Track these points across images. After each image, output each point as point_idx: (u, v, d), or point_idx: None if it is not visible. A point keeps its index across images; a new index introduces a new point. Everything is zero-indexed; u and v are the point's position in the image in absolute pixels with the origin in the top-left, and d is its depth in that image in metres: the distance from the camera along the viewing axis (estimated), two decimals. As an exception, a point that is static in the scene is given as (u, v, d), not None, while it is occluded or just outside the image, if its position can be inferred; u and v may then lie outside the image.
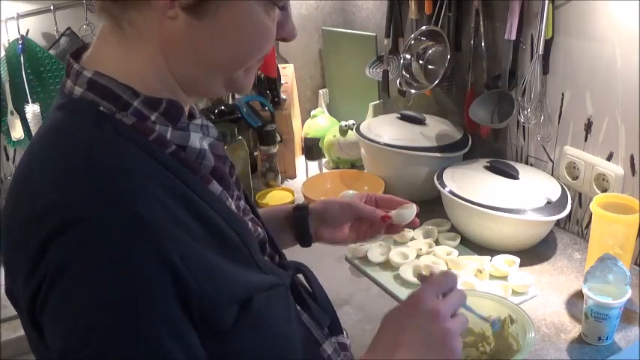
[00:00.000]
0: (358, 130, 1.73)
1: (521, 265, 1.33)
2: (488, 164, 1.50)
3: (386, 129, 1.69)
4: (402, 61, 1.72)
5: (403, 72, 1.72)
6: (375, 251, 1.42)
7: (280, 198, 1.75)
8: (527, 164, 1.57)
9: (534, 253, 1.41)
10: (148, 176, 0.64)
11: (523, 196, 1.37)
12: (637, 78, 1.25)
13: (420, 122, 1.70)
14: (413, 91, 1.71)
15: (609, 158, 1.36)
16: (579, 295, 1.21)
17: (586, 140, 1.41)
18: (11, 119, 1.71)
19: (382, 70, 1.83)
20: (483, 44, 1.54)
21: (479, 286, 1.25)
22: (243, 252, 0.72)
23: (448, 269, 1.33)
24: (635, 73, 1.25)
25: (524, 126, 1.55)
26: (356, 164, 1.91)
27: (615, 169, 1.34)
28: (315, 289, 0.91)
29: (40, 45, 1.72)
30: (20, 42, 1.67)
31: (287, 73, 1.94)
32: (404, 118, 1.73)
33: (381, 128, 1.70)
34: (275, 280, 0.76)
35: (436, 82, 1.62)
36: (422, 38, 1.69)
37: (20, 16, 1.67)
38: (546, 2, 1.33)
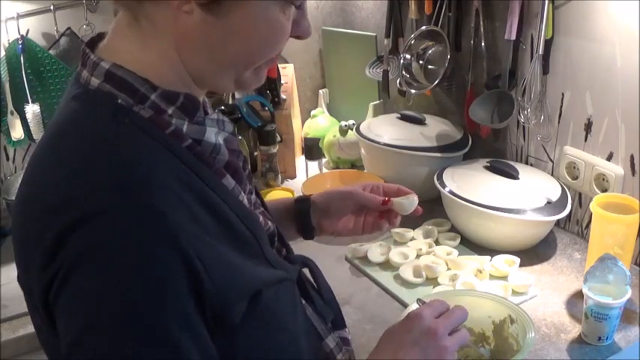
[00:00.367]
0: (358, 130, 1.73)
1: (521, 265, 1.33)
2: (488, 164, 1.50)
3: (386, 129, 1.69)
4: (402, 61, 1.72)
5: (403, 72, 1.72)
6: (375, 251, 1.42)
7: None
8: (527, 164, 1.57)
9: (534, 253, 1.41)
10: (165, 170, 0.64)
11: (523, 196, 1.37)
12: (637, 78, 1.25)
13: (420, 122, 1.70)
14: (413, 91, 1.71)
15: (609, 158, 1.36)
16: (579, 295, 1.21)
17: (586, 140, 1.41)
18: (11, 119, 1.71)
19: (382, 70, 1.83)
20: (483, 44, 1.54)
21: (479, 286, 1.25)
22: (253, 246, 0.72)
23: (448, 268, 1.34)
24: (635, 73, 1.25)
25: (524, 126, 1.55)
26: (356, 164, 1.91)
27: (615, 169, 1.34)
28: (320, 284, 0.92)
29: (40, 45, 1.72)
30: (20, 42, 1.67)
31: (287, 73, 1.94)
32: (404, 118, 1.73)
33: (381, 128, 1.70)
34: (283, 275, 0.77)
35: (436, 82, 1.62)
36: (422, 38, 1.69)
37: (20, 16, 1.67)
38: (546, 2, 1.33)
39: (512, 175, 1.43)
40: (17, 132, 1.72)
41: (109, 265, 0.58)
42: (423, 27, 1.67)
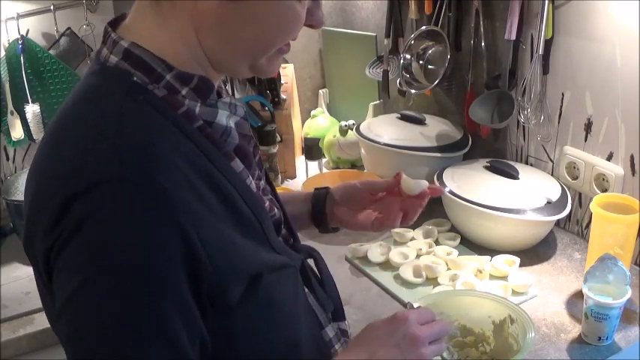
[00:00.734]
0: (358, 130, 1.73)
1: (521, 265, 1.33)
2: (488, 164, 1.50)
3: (386, 129, 1.69)
4: (402, 61, 1.72)
5: (403, 72, 1.72)
6: (375, 251, 1.42)
7: (280, 198, 1.75)
8: (527, 164, 1.57)
9: (534, 253, 1.41)
10: (173, 148, 0.66)
11: (523, 196, 1.37)
12: (637, 78, 1.25)
13: (420, 122, 1.70)
14: (413, 91, 1.71)
15: (609, 158, 1.36)
16: (579, 295, 1.21)
17: (586, 140, 1.41)
18: (11, 119, 1.71)
19: (382, 70, 1.83)
20: (483, 44, 1.54)
21: (479, 286, 1.25)
22: (257, 230, 0.74)
23: (448, 268, 1.34)
24: (635, 73, 1.25)
25: (524, 126, 1.55)
26: (356, 164, 1.91)
27: (615, 169, 1.34)
28: (323, 275, 0.93)
29: (40, 45, 1.72)
30: (20, 42, 1.67)
31: (287, 73, 1.94)
32: (404, 118, 1.73)
33: (381, 128, 1.70)
34: (286, 261, 0.78)
35: (436, 82, 1.62)
36: (422, 38, 1.69)
37: (20, 16, 1.67)
38: (546, 2, 1.33)
39: (512, 175, 1.43)
40: (17, 132, 1.72)
41: (108, 230, 0.60)
42: (423, 27, 1.67)
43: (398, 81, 1.77)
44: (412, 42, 1.69)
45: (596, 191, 1.38)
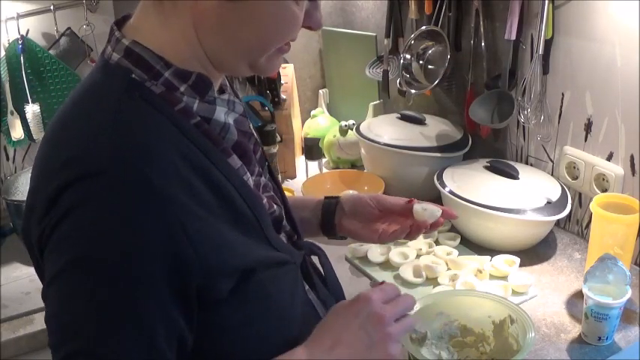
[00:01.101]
0: (358, 130, 1.73)
1: (521, 265, 1.33)
2: (488, 164, 1.50)
3: (386, 129, 1.69)
4: (402, 61, 1.72)
5: (403, 72, 1.72)
6: (375, 251, 1.42)
7: (280, 198, 1.75)
8: (527, 164, 1.57)
9: (534, 253, 1.41)
10: (168, 143, 0.67)
11: (523, 196, 1.37)
12: (637, 78, 1.25)
13: (420, 122, 1.70)
14: (413, 91, 1.71)
15: (609, 158, 1.36)
16: (579, 295, 1.21)
17: (586, 140, 1.41)
18: (11, 119, 1.71)
19: (382, 70, 1.83)
20: (483, 44, 1.54)
21: (479, 286, 1.25)
22: (254, 225, 0.74)
23: (448, 268, 1.34)
24: (635, 73, 1.25)
25: (524, 126, 1.55)
26: (356, 164, 1.91)
27: (615, 169, 1.34)
28: (327, 272, 0.93)
29: (40, 45, 1.72)
30: (20, 42, 1.67)
31: (287, 73, 1.94)
32: (404, 118, 1.73)
33: (381, 128, 1.70)
34: (284, 258, 0.79)
35: (436, 82, 1.62)
36: (422, 38, 1.69)
37: (20, 16, 1.67)
38: (546, 2, 1.33)
39: (512, 175, 1.43)
40: (17, 132, 1.72)
41: (92, 220, 0.63)
42: (423, 27, 1.67)
43: (398, 81, 1.77)
44: (412, 42, 1.69)
45: (596, 191, 1.38)
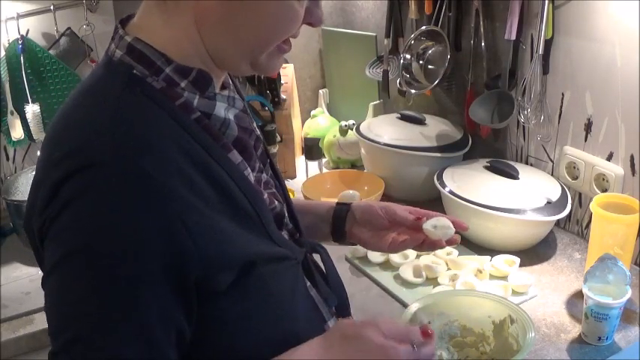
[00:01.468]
0: (358, 130, 1.73)
1: (521, 265, 1.33)
2: (488, 164, 1.50)
3: (386, 129, 1.69)
4: (402, 61, 1.72)
5: (403, 72, 1.72)
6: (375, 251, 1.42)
7: (280, 198, 1.75)
8: (527, 164, 1.57)
9: (534, 253, 1.41)
10: (167, 138, 0.68)
11: (523, 196, 1.37)
12: (637, 78, 1.25)
13: (420, 122, 1.70)
14: (413, 91, 1.71)
15: (609, 158, 1.36)
16: (579, 295, 1.21)
17: (586, 140, 1.41)
18: (11, 119, 1.71)
19: (382, 70, 1.83)
20: (483, 44, 1.54)
21: (479, 286, 1.25)
22: (254, 220, 0.75)
23: (448, 268, 1.34)
24: (635, 73, 1.25)
25: (524, 126, 1.55)
26: (356, 164, 1.91)
27: (615, 169, 1.34)
28: (328, 270, 0.93)
29: (40, 45, 1.72)
30: (20, 42, 1.67)
31: (287, 73, 1.94)
32: (404, 118, 1.73)
33: (381, 128, 1.70)
34: (285, 253, 0.79)
35: (436, 82, 1.62)
36: (422, 38, 1.69)
37: (20, 16, 1.67)
38: (546, 2, 1.33)
39: (512, 175, 1.43)
40: (17, 132, 1.72)
41: (90, 212, 0.64)
42: (423, 27, 1.67)
43: (398, 81, 1.77)
44: (412, 42, 1.69)
45: (596, 191, 1.38)
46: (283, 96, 1.87)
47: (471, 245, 1.44)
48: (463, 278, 1.27)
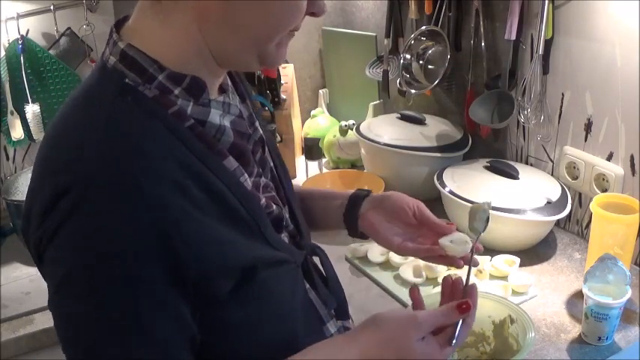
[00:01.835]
0: (358, 130, 1.73)
1: (521, 265, 1.33)
2: (488, 164, 1.50)
3: (386, 129, 1.69)
4: (402, 61, 1.72)
5: (403, 72, 1.72)
6: (375, 251, 1.42)
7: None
8: (527, 164, 1.57)
9: (534, 253, 1.41)
10: (160, 147, 0.67)
11: (523, 196, 1.37)
12: (637, 78, 1.25)
13: (420, 122, 1.70)
14: (413, 91, 1.71)
15: (609, 158, 1.36)
16: (579, 295, 1.21)
17: (586, 140, 1.41)
18: (11, 119, 1.71)
19: (382, 70, 1.83)
20: (483, 44, 1.54)
21: (479, 286, 1.24)
22: (251, 226, 0.74)
23: (448, 268, 1.34)
24: (635, 73, 1.25)
25: (524, 126, 1.55)
26: (356, 164, 1.91)
27: (615, 169, 1.34)
28: (328, 273, 0.93)
29: (40, 45, 1.72)
30: (20, 42, 1.67)
31: (287, 73, 1.94)
32: (404, 118, 1.73)
33: (381, 128, 1.70)
34: (284, 257, 0.79)
35: (436, 82, 1.62)
36: (422, 38, 1.69)
37: (20, 16, 1.67)
38: (546, 2, 1.33)
39: (512, 175, 1.43)
40: (17, 132, 1.72)
41: (86, 228, 0.63)
42: (423, 27, 1.67)
43: (398, 81, 1.77)
44: (412, 42, 1.69)
45: (596, 191, 1.38)
46: (283, 96, 1.87)
47: (471, 245, 1.44)
48: (463, 278, 1.27)
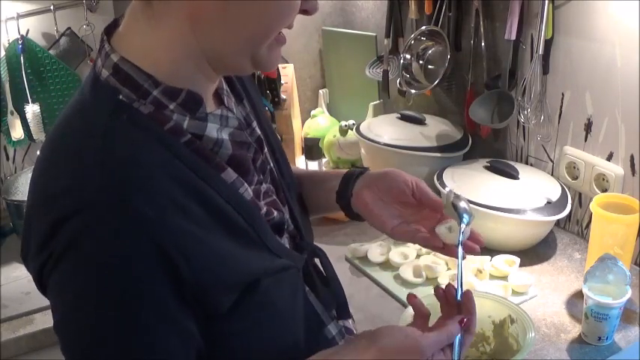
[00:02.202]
0: (358, 130, 1.73)
1: (521, 265, 1.33)
2: (488, 164, 1.50)
3: (386, 129, 1.69)
4: (402, 61, 1.72)
5: (403, 72, 1.72)
6: (375, 251, 1.42)
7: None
8: (527, 164, 1.57)
9: (534, 253, 1.41)
10: (157, 167, 0.66)
11: (523, 196, 1.37)
12: (637, 78, 1.25)
13: (420, 122, 1.70)
14: (413, 91, 1.71)
15: (609, 158, 1.36)
16: (579, 295, 1.21)
17: (586, 140, 1.41)
18: (11, 119, 1.71)
19: (382, 70, 1.83)
20: (483, 44, 1.54)
21: (479, 286, 1.25)
22: (252, 237, 0.74)
23: (448, 268, 1.34)
24: (635, 73, 1.25)
25: (524, 126, 1.55)
26: (356, 164, 1.90)
27: (615, 169, 1.34)
28: (328, 274, 0.92)
29: (40, 45, 1.72)
30: (20, 42, 1.67)
31: (287, 73, 1.94)
32: (404, 118, 1.72)
33: (381, 128, 1.70)
34: (286, 263, 0.78)
35: (436, 82, 1.62)
36: (422, 38, 1.69)
37: (20, 16, 1.67)
38: (546, 2, 1.33)
39: (512, 175, 1.43)
40: (17, 132, 1.72)
41: (89, 258, 0.63)
42: (423, 27, 1.67)
43: (398, 81, 1.77)
44: (412, 42, 1.69)
45: (596, 191, 1.38)
46: (283, 96, 1.87)
47: (471, 245, 1.44)
48: (463, 278, 1.27)
